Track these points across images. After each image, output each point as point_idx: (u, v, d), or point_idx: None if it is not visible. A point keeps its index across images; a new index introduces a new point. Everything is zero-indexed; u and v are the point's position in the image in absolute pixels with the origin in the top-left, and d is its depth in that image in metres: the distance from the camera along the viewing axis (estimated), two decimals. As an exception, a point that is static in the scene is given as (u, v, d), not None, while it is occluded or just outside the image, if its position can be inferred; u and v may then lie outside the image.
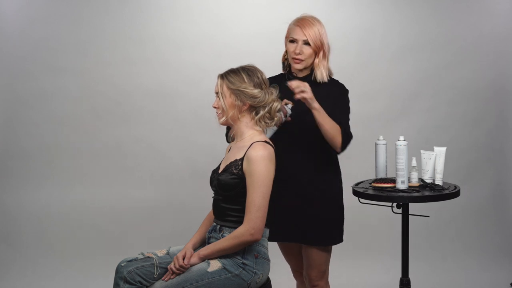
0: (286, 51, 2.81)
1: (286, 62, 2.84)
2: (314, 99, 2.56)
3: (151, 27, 4.20)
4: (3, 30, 4.17)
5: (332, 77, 2.82)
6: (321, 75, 2.73)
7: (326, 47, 2.74)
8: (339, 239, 2.84)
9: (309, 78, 2.76)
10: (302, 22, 2.73)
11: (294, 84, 2.55)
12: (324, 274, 2.84)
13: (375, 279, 4.11)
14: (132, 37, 4.20)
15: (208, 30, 4.20)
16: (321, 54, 2.72)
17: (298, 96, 2.54)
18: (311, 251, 2.79)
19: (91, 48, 4.20)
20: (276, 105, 2.51)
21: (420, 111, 4.32)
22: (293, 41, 2.73)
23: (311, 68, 2.77)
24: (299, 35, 2.70)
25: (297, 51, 2.70)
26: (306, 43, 2.70)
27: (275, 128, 2.67)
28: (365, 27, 4.26)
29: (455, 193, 2.77)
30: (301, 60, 2.72)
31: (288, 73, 2.82)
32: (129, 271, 2.39)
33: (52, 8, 4.18)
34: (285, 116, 2.68)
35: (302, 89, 2.53)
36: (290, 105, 2.69)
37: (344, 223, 2.85)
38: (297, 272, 3.02)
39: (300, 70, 2.77)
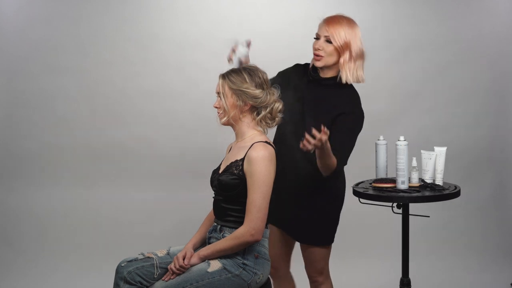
0: None
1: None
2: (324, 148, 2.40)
3: (151, 27, 4.20)
4: (3, 30, 4.17)
5: (361, 82, 2.73)
6: (345, 76, 2.66)
7: (354, 49, 2.67)
8: (329, 239, 2.80)
9: (334, 80, 2.71)
10: (329, 19, 2.71)
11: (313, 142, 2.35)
12: (323, 269, 2.83)
13: (375, 279, 4.11)
14: (132, 37, 4.19)
15: (208, 30, 4.19)
16: (346, 55, 2.66)
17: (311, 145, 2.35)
18: (309, 249, 2.79)
19: (91, 48, 4.19)
20: (278, 105, 2.50)
21: (420, 111, 4.31)
22: (317, 37, 2.71)
23: (338, 71, 2.70)
24: (322, 32, 2.69)
25: (317, 47, 2.68)
26: (328, 40, 2.67)
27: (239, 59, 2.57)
28: (365, 27, 4.23)
29: (455, 193, 2.77)
30: (321, 57, 2.67)
31: (312, 70, 2.75)
32: (129, 271, 2.39)
33: (52, 8, 4.17)
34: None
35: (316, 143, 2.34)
36: (244, 44, 2.57)
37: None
38: (272, 268, 2.80)
39: (321, 68, 2.72)
